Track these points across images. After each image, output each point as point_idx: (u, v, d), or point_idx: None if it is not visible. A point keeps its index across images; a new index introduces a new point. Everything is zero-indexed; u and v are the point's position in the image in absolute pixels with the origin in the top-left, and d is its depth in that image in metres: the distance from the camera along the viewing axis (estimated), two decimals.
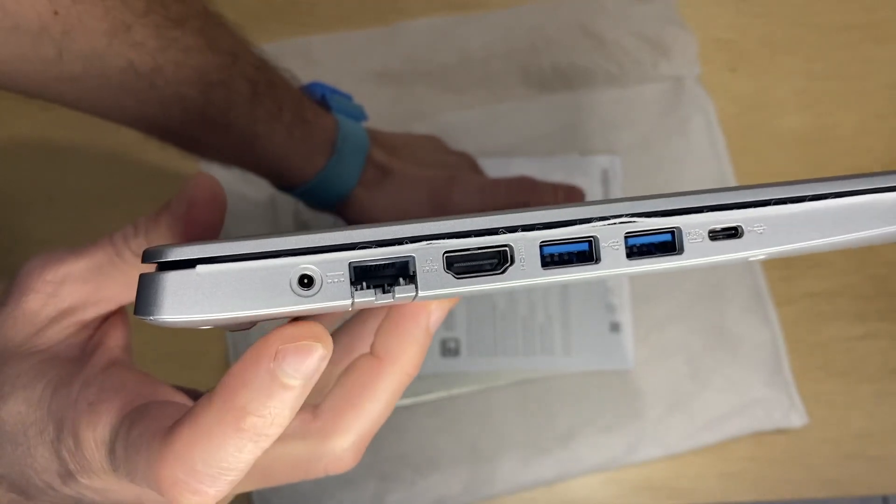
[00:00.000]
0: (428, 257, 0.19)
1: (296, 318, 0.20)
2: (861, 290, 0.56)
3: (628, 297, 0.55)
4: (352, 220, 0.44)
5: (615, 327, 0.55)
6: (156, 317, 0.18)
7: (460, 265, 0.19)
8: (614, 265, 0.19)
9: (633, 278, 0.55)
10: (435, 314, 0.24)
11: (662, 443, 0.53)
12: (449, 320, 0.55)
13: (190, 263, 0.18)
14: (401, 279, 0.19)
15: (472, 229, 0.19)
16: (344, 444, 0.25)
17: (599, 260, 0.19)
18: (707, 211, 0.20)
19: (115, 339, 0.27)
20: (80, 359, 0.26)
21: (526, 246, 0.19)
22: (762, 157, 0.58)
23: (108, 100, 0.35)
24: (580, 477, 0.53)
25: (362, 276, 0.19)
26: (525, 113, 0.58)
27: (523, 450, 0.53)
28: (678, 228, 0.19)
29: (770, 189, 0.20)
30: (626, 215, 0.19)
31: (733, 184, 0.57)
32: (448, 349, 0.54)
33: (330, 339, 0.20)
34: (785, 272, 0.56)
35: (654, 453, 0.53)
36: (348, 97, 0.46)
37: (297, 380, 0.19)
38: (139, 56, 0.34)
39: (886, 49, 0.59)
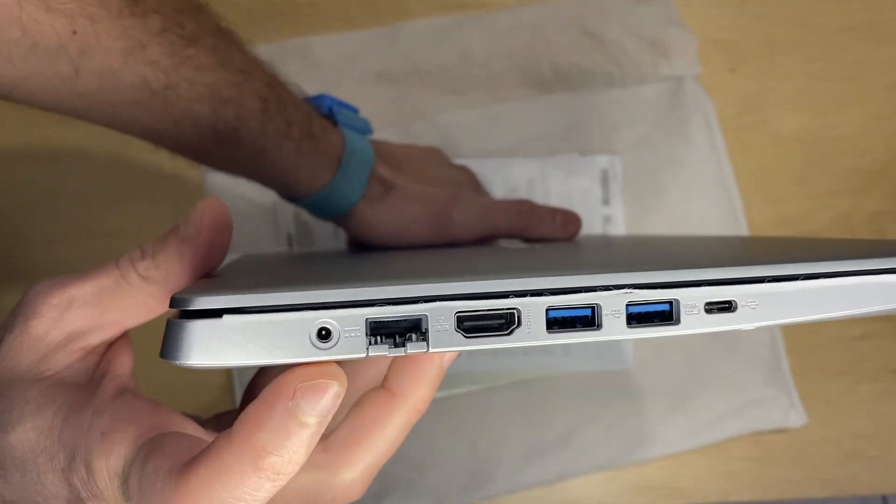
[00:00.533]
0: (440, 317, 0.20)
1: None
2: None
3: None
4: (353, 232, 0.45)
5: None
6: (181, 362, 0.19)
7: (470, 324, 0.20)
8: (614, 332, 0.20)
9: None
10: (448, 353, 0.25)
11: (662, 442, 0.53)
12: None
13: (217, 313, 0.19)
14: (413, 335, 0.20)
15: (483, 292, 0.20)
16: (353, 475, 0.25)
17: (601, 326, 0.20)
18: (704, 285, 0.21)
19: (121, 367, 0.28)
20: (87, 385, 0.26)
21: (533, 310, 0.20)
22: (761, 157, 0.58)
23: (122, 115, 0.36)
24: (580, 476, 0.54)
25: (377, 330, 0.20)
26: (525, 113, 0.58)
27: (523, 450, 0.53)
28: (676, 300, 0.21)
29: (765, 267, 0.21)
30: (628, 286, 0.20)
31: (733, 185, 0.57)
32: None
33: (344, 377, 0.20)
34: None
35: (653, 453, 0.53)
36: (355, 110, 0.46)
37: (315, 417, 0.20)
38: (153, 73, 0.34)
39: (886, 49, 0.59)
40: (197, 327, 0.19)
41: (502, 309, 0.20)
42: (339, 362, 0.21)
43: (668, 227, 0.56)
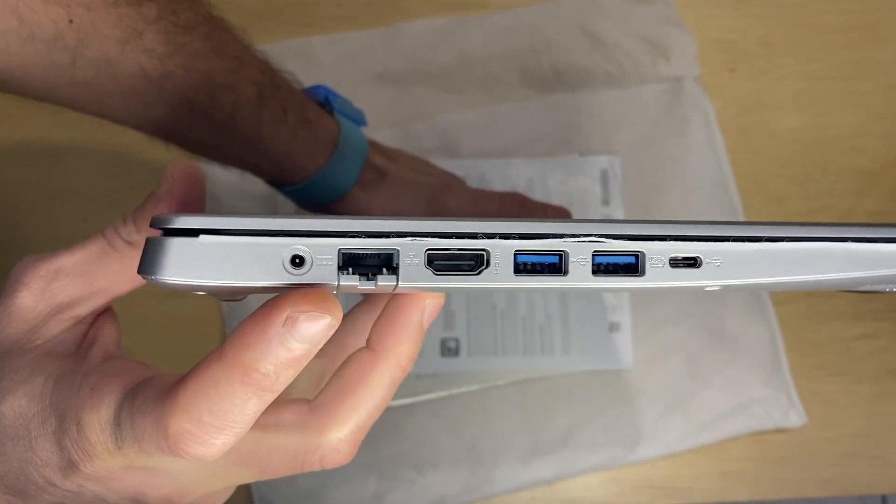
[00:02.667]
0: (411, 252, 0.21)
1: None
2: None
3: (628, 296, 0.55)
4: None
5: (614, 327, 0.55)
6: (157, 277, 0.20)
7: (440, 263, 0.21)
8: (580, 279, 0.21)
9: None
10: (428, 309, 0.25)
11: (662, 442, 0.53)
12: (449, 320, 0.55)
13: (194, 232, 0.20)
14: (384, 269, 0.21)
15: (454, 231, 0.21)
16: (340, 434, 0.25)
17: (567, 273, 0.21)
18: (670, 240, 0.21)
19: (108, 335, 0.28)
20: (76, 353, 0.26)
21: (502, 252, 0.21)
22: (761, 157, 0.58)
23: (118, 104, 0.36)
24: (580, 476, 0.54)
25: (349, 262, 0.20)
26: (525, 113, 0.58)
27: (523, 449, 0.53)
28: (642, 253, 0.21)
29: (730, 227, 0.22)
30: (596, 235, 0.21)
31: (733, 185, 0.57)
32: (448, 349, 0.54)
33: (340, 309, 0.21)
34: None
35: (653, 453, 0.53)
36: (350, 102, 0.47)
37: (305, 345, 0.20)
38: (150, 61, 0.34)
39: (885, 49, 0.59)
40: (174, 244, 0.20)
41: (472, 249, 0.21)
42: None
43: None
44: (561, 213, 0.49)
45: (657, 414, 0.54)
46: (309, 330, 0.20)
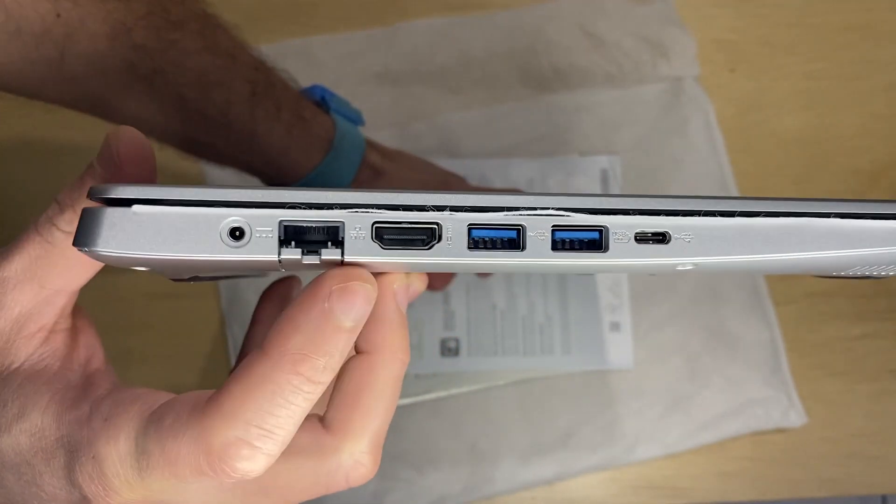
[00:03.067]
0: (357, 225, 0.20)
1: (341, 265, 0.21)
2: (860, 289, 0.56)
3: (628, 296, 0.55)
4: None
5: (614, 327, 0.55)
6: (90, 248, 0.19)
7: (390, 237, 0.20)
8: (538, 255, 0.20)
9: (631, 277, 0.56)
10: (399, 293, 0.24)
11: (662, 442, 0.53)
12: (449, 320, 0.55)
13: (129, 203, 0.19)
14: (329, 243, 0.20)
15: (402, 203, 0.20)
16: (359, 447, 0.24)
17: (525, 248, 0.20)
18: (635, 214, 0.20)
19: (93, 347, 0.26)
20: (64, 373, 0.25)
21: (455, 226, 0.20)
22: (761, 157, 0.58)
23: (109, 100, 0.36)
24: (580, 476, 0.54)
25: (292, 235, 0.20)
26: (525, 113, 0.58)
27: (523, 449, 0.53)
28: (605, 227, 0.20)
29: (702, 201, 0.20)
30: (555, 209, 0.20)
31: (733, 185, 0.57)
32: (448, 349, 0.54)
33: (375, 283, 0.20)
34: None
35: (653, 452, 0.53)
36: (347, 101, 0.46)
37: (350, 321, 0.20)
38: (139, 58, 0.34)
39: (885, 49, 0.59)
40: (107, 214, 0.19)
41: (423, 223, 0.20)
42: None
43: None
44: None
45: (657, 414, 0.54)
46: (353, 301, 0.20)
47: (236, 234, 0.19)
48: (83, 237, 0.19)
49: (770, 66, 0.59)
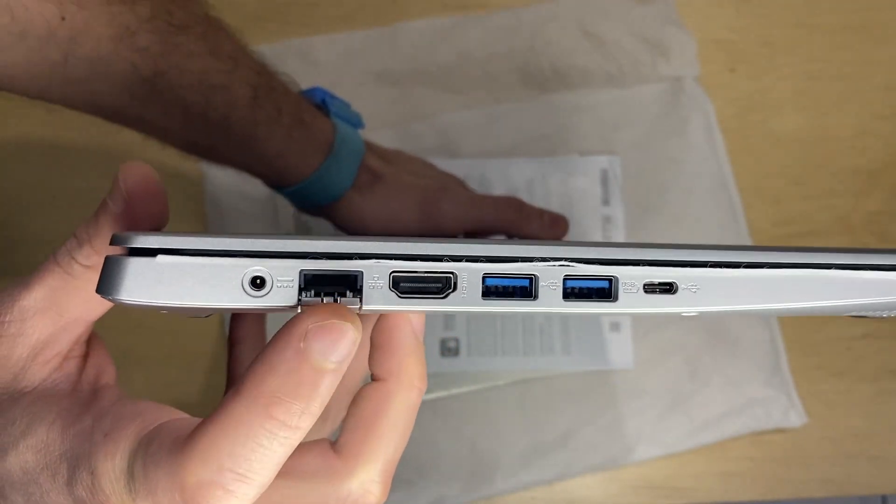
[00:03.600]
0: (375, 274, 0.20)
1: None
2: None
3: None
4: (341, 223, 0.45)
5: (614, 327, 0.55)
6: (114, 297, 0.20)
7: (406, 285, 0.20)
8: (550, 304, 0.21)
9: None
10: (415, 320, 0.24)
11: (662, 442, 0.53)
12: (449, 320, 0.55)
13: (152, 252, 0.20)
14: (348, 291, 0.20)
15: (419, 254, 0.20)
16: (370, 475, 0.23)
17: (537, 297, 0.21)
18: (644, 265, 0.21)
19: (108, 376, 0.27)
20: (75, 392, 0.25)
21: (470, 276, 0.20)
22: (761, 157, 0.58)
23: (112, 103, 0.36)
24: (580, 476, 0.54)
25: (311, 283, 0.20)
26: (525, 113, 0.58)
27: (523, 449, 0.53)
28: (615, 278, 0.21)
29: (708, 252, 0.21)
30: (567, 259, 0.20)
31: (733, 185, 0.57)
32: (448, 349, 0.54)
33: (359, 322, 0.20)
34: None
35: (653, 453, 0.53)
36: (347, 104, 0.46)
37: (331, 362, 0.19)
38: (143, 60, 0.34)
39: (885, 49, 0.59)
40: (131, 265, 0.19)
41: (439, 272, 0.20)
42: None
43: (668, 227, 0.57)
44: (557, 220, 0.49)
45: (657, 414, 0.54)
46: (333, 339, 0.19)
47: (257, 282, 0.20)
48: (107, 286, 0.20)
49: (770, 66, 0.59)
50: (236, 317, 0.32)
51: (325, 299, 0.20)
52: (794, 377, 0.54)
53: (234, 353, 0.32)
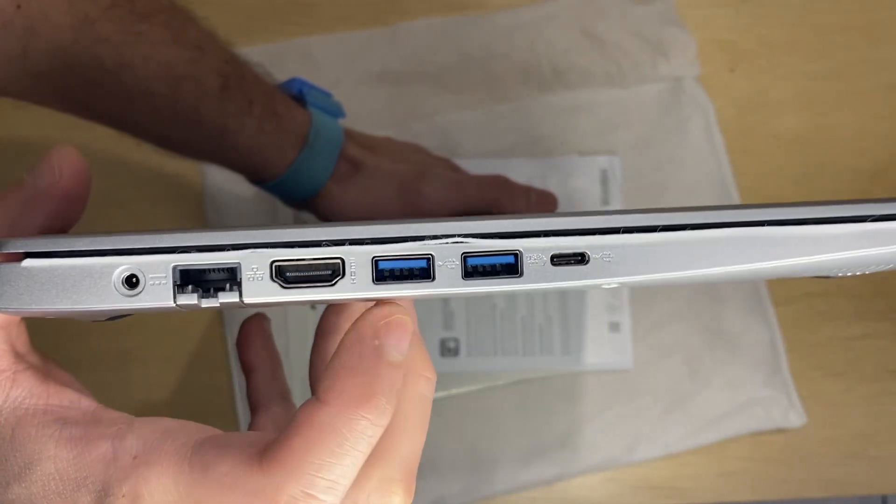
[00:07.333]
0: (253, 265, 0.19)
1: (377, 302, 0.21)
2: (860, 290, 0.56)
3: (627, 296, 0.55)
4: (324, 215, 0.44)
5: (614, 327, 0.55)
6: None
7: (292, 274, 0.19)
8: (450, 284, 0.19)
9: None
10: (410, 309, 0.23)
11: (661, 442, 0.53)
12: (449, 320, 0.55)
13: (20, 257, 0.19)
14: (228, 284, 0.19)
15: (297, 240, 0.19)
16: (388, 474, 0.23)
17: (434, 278, 0.19)
18: (548, 235, 0.19)
19: (85, 391, 0.24)
20: (50, 407, 0.22)
21: (359, 260, 0.19)
22: (761, 157, 0.58)
23: (77, 96, 0.35)
24: (579, 476, 0.54)
25: (188, 279, 0.19)
26: (525, 113, 0.58)
27: (523, 450, 0.53)
28: (519, 252, 0.19)
29: (620, 216, 0.19)
30: (461, 235, 0.19)
31: (733, 185, 0.57)
32: (448, 349, 0.54)
33: (414, 313, 0.20)
34: None
35: (653, 453, 0.53)
36: (327, 94, 0.46)
37: (401, 354, 0.20)
38: (105, 51, 0.33)
39: (885, 50, 0.59)
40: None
41: (324, 258, 0.19)
42: None
43: None
44: (545, 197, 0.48)
45: (657, 414, 0.54)
46: (401, 333, 0.20)
47: (132, 281, 0.19)
48: None
49: (770, 66, 0.59)
50: (243, 345, 0.31)
51: (203, 297, 0.19)
52: (793, 377, 0.54)
53: (251, 380, 0.31)
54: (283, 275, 0.19)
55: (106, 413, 0.23)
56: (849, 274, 0.21)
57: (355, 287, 0.19)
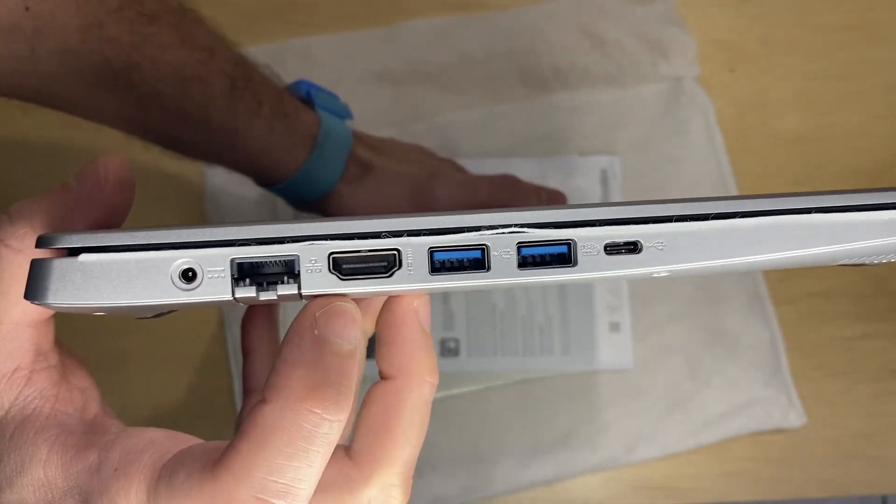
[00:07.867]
0: (312, 257, 0.19)
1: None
2: (860, 289, 0.56)
3: (627, 296, 0.55)
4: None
5: (614, 327, 0.55)
6: (41, 301, 0.19)
7: (349, 266, 0.19)
8: (506, 275, 0.19)
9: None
10: (421, 310, 0.23)
11: (661, 442, 0.53)
12: (449, 320, 0.55)
13: (76, 252, 0.19)
14: (285, 277, 0.19)
15: (356, 232, 0.19)
16: (389, 479, 0.22)
17: (490, 269, 0.19)
18: (603, 225, 0.19)
19: (94, 398, 0.24)
20: (56, 412, 0.23)
21: (415, 251, 0.19)
22: (761, 157, 0.58)
23: (85, 98, 0.35)
24: (579, 477, 0.54)
25: (245, 272, 0.19)
26: (525, 113, 0.58)
27: (523, 450, 0.53)
28: (573, 241, 0.19)
29: (673, 205, 0.19)
30: (517, 225, 0.19)
31: (733, 185, 0.57)
32: (448, 349, 0.54)
33: (358, 309, 0.20)
34: (784, 272, 0.56)
35: (653, 453, 0.53)
36: (334, 96, 0.46)
37: (347, 343, 0.19)
38: (114, 52, 0.33)
39: (885, 49, 0.59)
40: (54, 266, 0.18)
41: (381, 250, 0.19)
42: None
43: None
44: (556, 197, 0.48)
45: (657, 414, 0.54)
46: (343, 321, 0.19)
47: (188, 275, 0.19)
48: (33, 290, 0.19)
49: (770, 66, 0.59)
50: (247, 325, 0.31)
51: (262, 290, 0.19)
52: (793, 377, 0.54)
53: (248, 362, 0.31)
54: (340, 267, 0.19)
55: (103, 422, 0.23)
56: (884, 260, 0.21)
57: (412, 278, 0.19)
